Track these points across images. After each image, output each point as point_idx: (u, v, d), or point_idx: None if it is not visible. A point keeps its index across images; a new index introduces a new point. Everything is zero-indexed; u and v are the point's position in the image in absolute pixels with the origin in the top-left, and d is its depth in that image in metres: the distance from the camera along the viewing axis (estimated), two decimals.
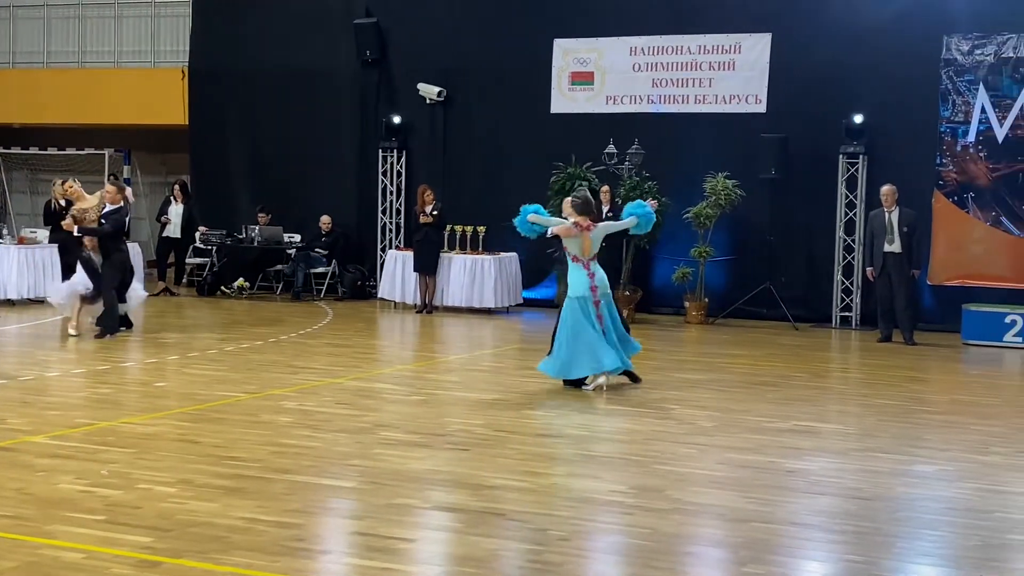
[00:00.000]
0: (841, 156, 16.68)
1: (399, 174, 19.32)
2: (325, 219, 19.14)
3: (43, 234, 17.63)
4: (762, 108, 17.25)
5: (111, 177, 21.33)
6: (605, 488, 7.07)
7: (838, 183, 16.75)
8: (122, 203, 13.73)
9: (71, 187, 14.68)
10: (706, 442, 8.54)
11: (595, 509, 6.66)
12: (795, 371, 12.54)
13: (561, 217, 11.45)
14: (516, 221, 11.36)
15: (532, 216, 11.20)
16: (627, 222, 11.33)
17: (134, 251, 16.19)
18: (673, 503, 6.75)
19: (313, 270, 19.10)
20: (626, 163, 17.04)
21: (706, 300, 16.97)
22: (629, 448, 8.31)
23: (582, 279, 10.88)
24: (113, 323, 13.40)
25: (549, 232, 11.19)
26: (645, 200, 12.07)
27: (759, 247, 17.08)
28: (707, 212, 16.66)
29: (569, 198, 11.42)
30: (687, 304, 17.01)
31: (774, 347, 14.59)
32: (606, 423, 9.17)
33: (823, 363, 14.00)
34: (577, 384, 10.65)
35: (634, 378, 11.10)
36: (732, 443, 8.52)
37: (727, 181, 16.60)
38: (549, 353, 10.97)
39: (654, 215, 11.55)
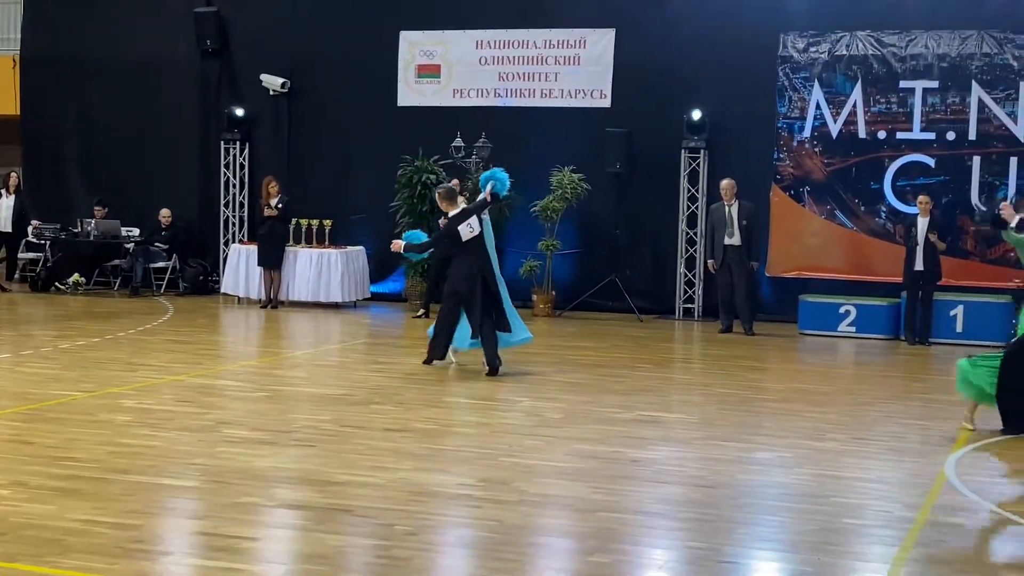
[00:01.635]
0: (683, 151, 17.00)
1: (242, 166, 18.97)
2: (165, 212, 18.68)
3: None
4: (607, 103, 17.46)
5: None
6: (453, 482, 7.07)
7: (680, 177, 17.06)
8: None
9: None
10: (553, 434, 8.61)
11: (443, 503, 6.65)
12: (640, 362, 12.73)
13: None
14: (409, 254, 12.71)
15: (407, 245, 12.05)
16: (485, 193, 11.84)
17: None
18: (520, 495, 6.78)
19: (153, 265, 18.62)
20: (473, 156, 17.06)
21: (553, 293, 17.12)
22: (477, 441, 8.32)
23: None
24: None
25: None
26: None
27: (605, 240, 17.29)
28: (554, 206, 16.79)
29: (438, 192, 12.25)
30: (535, 297, 17.12)
31: (620, 339, 14.80)
32: (454, 416, 9.17)
33: (667, 354, 14.26)
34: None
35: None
36: (579, 434, 8.60)
37: (573, 175, 16.77)
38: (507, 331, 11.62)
39: (506, 175, 12.05)
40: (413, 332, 15.07)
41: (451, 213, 11.66)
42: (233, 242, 18.51)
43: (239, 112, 18.78)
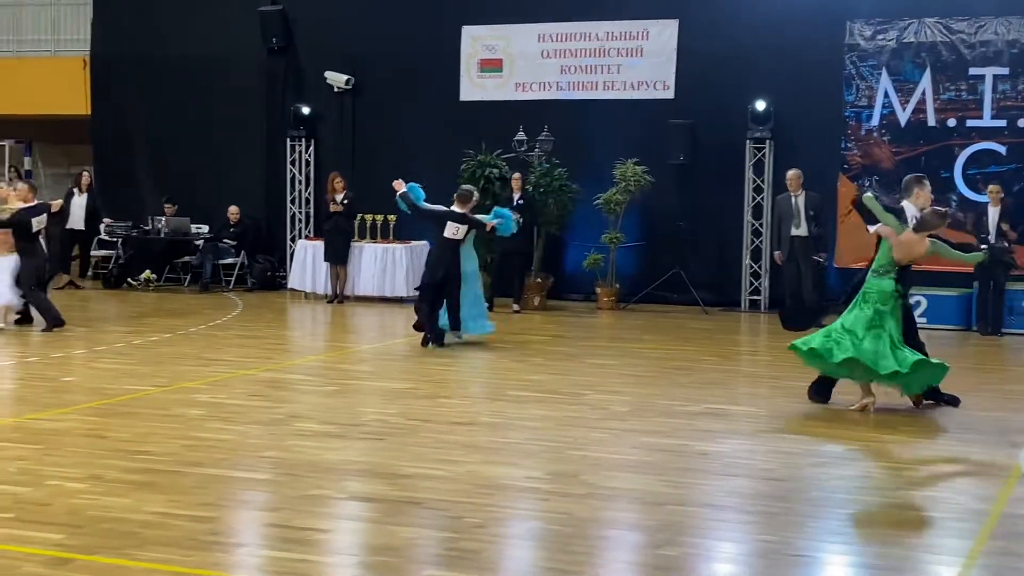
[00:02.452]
0: (748, 141, 16.89)
1: (308, 163, 19.15)
2: (233, 209, 18.90)
3: None
4: (670, 94, 17.39)
5: (12, 170, 20.87)
6: (520, 475, 7.10)
7: (745, 168, 16.95)
8: (36, 201, 13.72)
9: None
10: (619, 427, 8.61)
11: (511, 496, 6.68)
12: (706, 355, 12.69)
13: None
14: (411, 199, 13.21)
15: (403, 194, 13.21)
16: (490, 222, 13.10)
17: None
18: (588, 488, 6.80)
19: (222, 261, 18.86)
20: (536, 150, 17.07)
21: (617, 286, 17.09)
22: (543, 434, 8.34)
23: (476, 258, 13.23)
24: (55, 318, 13.33)
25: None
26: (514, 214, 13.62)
27: (669, 232, 17.22)
28: (617, 198, 16.76)
29: (460, 189, 13.40)
30: (598, 290, 17.11)
31: (685, 331, 14.75)
32: (520, 410, 9.20)
33: (733, 346, 14.19)
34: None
35: None
36: (645, 427, 8.60)
37: (636, 167, 16.72)
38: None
39: (512, 222, 13.28)
40: None
41: (456, 209, 12.87)
42: (300, 238, 18.69)
43: (304, 109, 18.95)
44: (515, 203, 16.33)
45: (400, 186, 13.21)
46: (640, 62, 17.52)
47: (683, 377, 11.09)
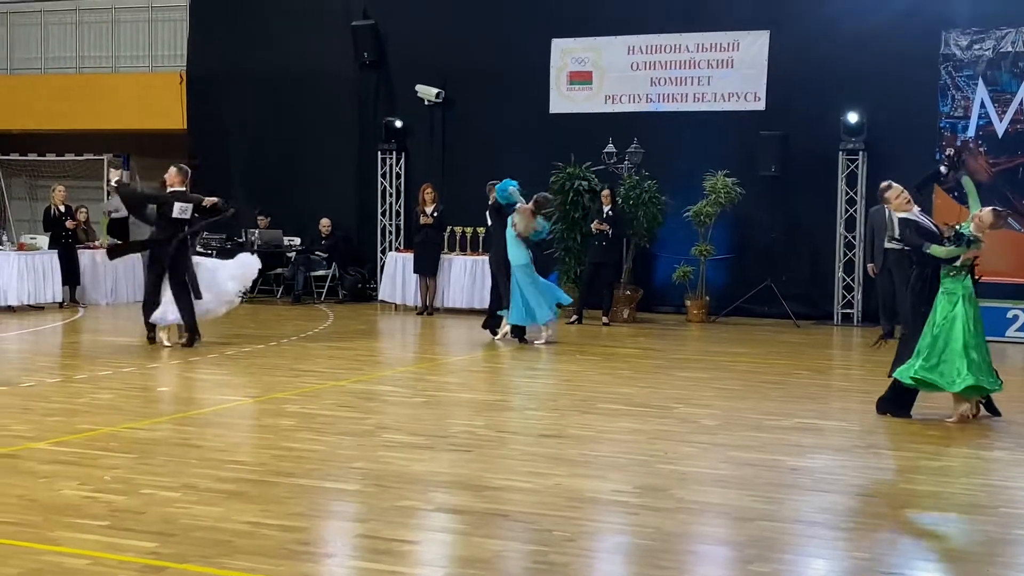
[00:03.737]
0: (841, 153, 16.68)
1: (398, 176, 19.31)
2: (325, 222, 19.13)
3: (43, 240, 17.61)
4: (761, 106, 17.25)
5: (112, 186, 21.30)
6: (609, 488, 7.05)
7: (838, 180, 16.74)
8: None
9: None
10: (709, 441, 8.53)
11: (599, 509, 6.64)
12: (797, 368, 12.52)
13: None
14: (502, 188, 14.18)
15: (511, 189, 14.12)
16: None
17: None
18: (677, 502, 6.74)
19: (313, 273, 19.09)
20: (625, 162, 17.03)
21: (707, 298, 16.96)
22: (632, 448, 8.29)
23: (525, 252, 13.95)
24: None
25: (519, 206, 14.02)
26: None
27: (760, 245, 17.08)
28: (707, 210, 16.64)
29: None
30: (688, 303, 17.00)
31: (776, 345, 14.58)
32: (609, 423, 9.15)
33: (825, 360, 13.99)
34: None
35: None
36: (735, 441, 8.50)
37: (727, 179, 16.59)
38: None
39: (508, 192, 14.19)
40: (566, 338, 15.11)
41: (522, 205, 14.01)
42: (390, 250, 18.85)
43: (396, 123, 19.11)
44: (605, 215, 16.30)
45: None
46: (731, 73, 17.40)
47: (774, 391, 10.96)
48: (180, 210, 12.73)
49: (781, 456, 8.04)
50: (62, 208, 17.92)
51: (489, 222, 14.67)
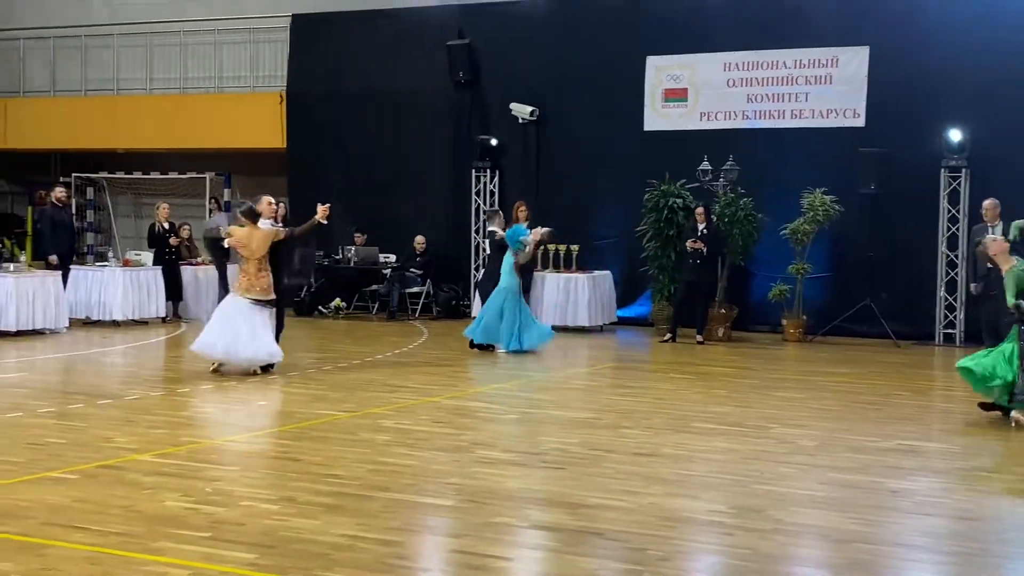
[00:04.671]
0: (943, 170, 16.38)
1: (492, 193, 19.41)
2: (420, 239, 19.30)
3: (147, 257, 18.01)
4: (860, 122, 17.02)
5: (212, 201, 21.70)
6: (704, 508, 7.01)
7: (940, 197, 16.45)
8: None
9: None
10: (807, 461, 8.42)
11: (694, 529, 6.60)
12: (897, 389, 12.31)
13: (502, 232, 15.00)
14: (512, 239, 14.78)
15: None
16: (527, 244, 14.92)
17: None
18: (774, 523, 6.66)
19: (408, 290, 19.26)
20: (721, 180, 16.91)
21: (804, 317, 16.75)
22: (728, 467, 8.22)
23: (518, 279, 14.82)
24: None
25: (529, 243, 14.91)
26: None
27: (859, 263, 16.83)
28: (804, 228, 16.45)
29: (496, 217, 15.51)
30: (785, 322, 16.80)
31: (875, 365, 14.35)
32: (704, 442, 9.09)
33: (926, 381, 13.73)
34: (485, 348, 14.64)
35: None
36: (834, 463, 8.39)
37: (825, 197, 16.40)
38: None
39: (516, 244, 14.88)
40: (660, 356, 15.06)
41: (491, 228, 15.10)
42: (484, 267, 18.93)
43: (491, 141, 19.23)
44: (699, 233, 16.21)
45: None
46: (829, 90, 17.22)
47: (873, 412, 10.78)
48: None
49: (881, 478, 7.91)
50: (166, 225, 18.33)
51: (488, 251, 15.25)
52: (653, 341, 16.55)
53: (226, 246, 12.36)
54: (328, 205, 12.80)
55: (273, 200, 13.04)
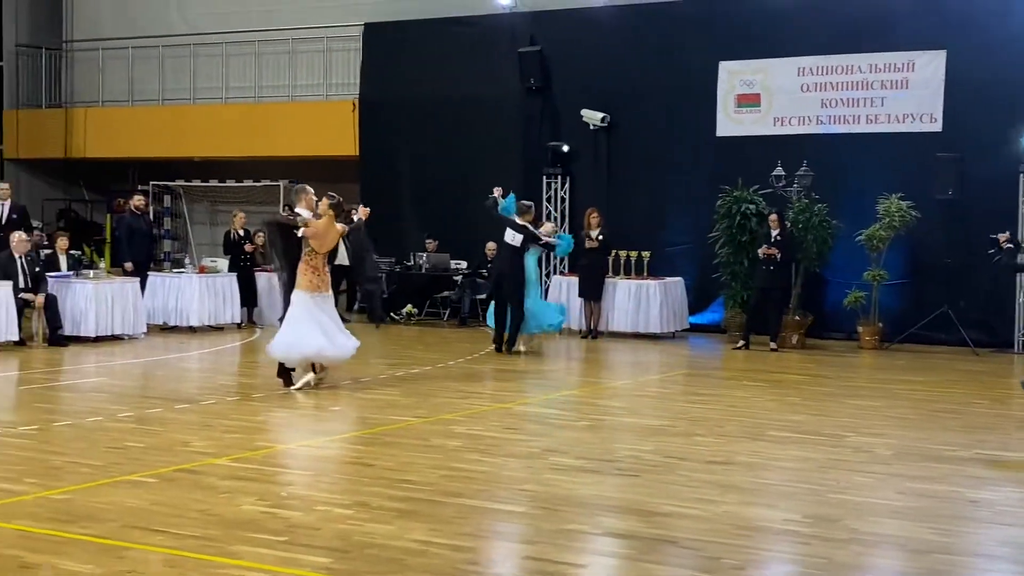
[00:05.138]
0: (1021, 175, 16.09)
1: (563, 200, 19.41)
2: (491, 245, 19.28)
3: (222, 263, 18.25)
4: (937, 127, 16.79)
5: (286, 209, 21.91)
6: (779, 517, 6.94)
7: (1018, 203, 16.16)
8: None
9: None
10: (883, 471, 8.31)
11: (769, 538, 6.54)
12: (976, 398, 12.11)
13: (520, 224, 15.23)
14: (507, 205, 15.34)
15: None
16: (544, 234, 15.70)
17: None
18: (851, 533, 6.58)
19: (479, 296, 19.30)
20: (795, 185, 16.76)
21: (880, 325, 16.54)
22: (803, 476, 8.13)
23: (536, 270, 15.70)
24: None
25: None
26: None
27: (936, 270, 16.59)
28: (880, 234, 16.25)
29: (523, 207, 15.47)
30: (860, 329, 16.61)
31: (953, 373, 14.13)
32: (779, 450, 9.00)
33: (1006, 389, 13.47)
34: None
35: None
36: (911, 472, 8.27)
37: (901, 202, 16.18)
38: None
39: (567, 247, 16.43)
40: (733, 364, 14.95)
41: (517, 220, 15.10)
42: (554, 274, 18.93)
43: (562, 147, 19.22)
44: (772, 240, 16.07)
45: (498, 192, 15.40)
46: (905, 94, 17.00)
47: (951, 420, 10.61)
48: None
49: (960, 488, 7.78)
50: (241, 232, 18.56)
51: (517, 243, 15.08)
52: (726, 348, 16.43)
53: (300, 235, 11.52)
54: (369, 209, 12.62)
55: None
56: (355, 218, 12.47)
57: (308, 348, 11.40)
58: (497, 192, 15.44)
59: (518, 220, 15.16)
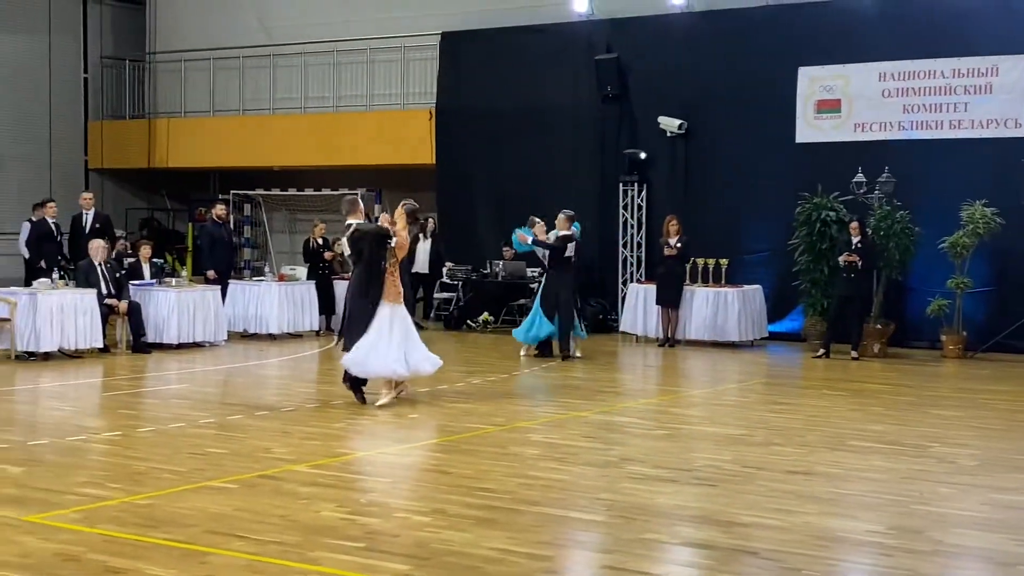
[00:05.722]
0: None
1: (639, 207, 19.34)
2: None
3: (301, 271, 18.44)
4: (1022, 132, 16.46)
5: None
6: (861, 528, 6.84)
7: None
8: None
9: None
10: (968, 482, 8.16)
11: (851, 549, 6.45)
12: None
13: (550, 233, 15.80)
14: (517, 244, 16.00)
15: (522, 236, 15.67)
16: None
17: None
18: (934, 545, 6.47)
19: None
20: (876, 192, 16.53)
21: (964, 333, 16.25)
22: (885, 487, 8.01)
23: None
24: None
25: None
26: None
27: (1021, 277, 16.27)
28: (964, 241, 15.97)
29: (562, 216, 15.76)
30: (943, 337, 16.32)
31: None
32: (860, 461, 8.88)
33: None
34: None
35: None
36: (997, 483, 8.11)
37: (985, 209, 15.89)
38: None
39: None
40: (813, 373, 14.78)
41: (562, 233, 15.39)
42: (631, 281, 18.87)
43: (640, 155, 19.16)
44: (854, 247, 15.87)
45: (524, 239, 15.75)
46: (989, 99, 16.70)
47: None
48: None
49: None
50: (320, 241, 18.74)
51: (570, 253, 15.57)
52: (806, 357, 16.25)
53: (392, 244, 11.27)
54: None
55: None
56: (430, 226, 12.47)
57: (383, 366, 11.09)
58: (538, 226, 15.98)
59: (531, 238, 15.71)
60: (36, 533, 6.44)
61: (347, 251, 11.52)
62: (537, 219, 16.24)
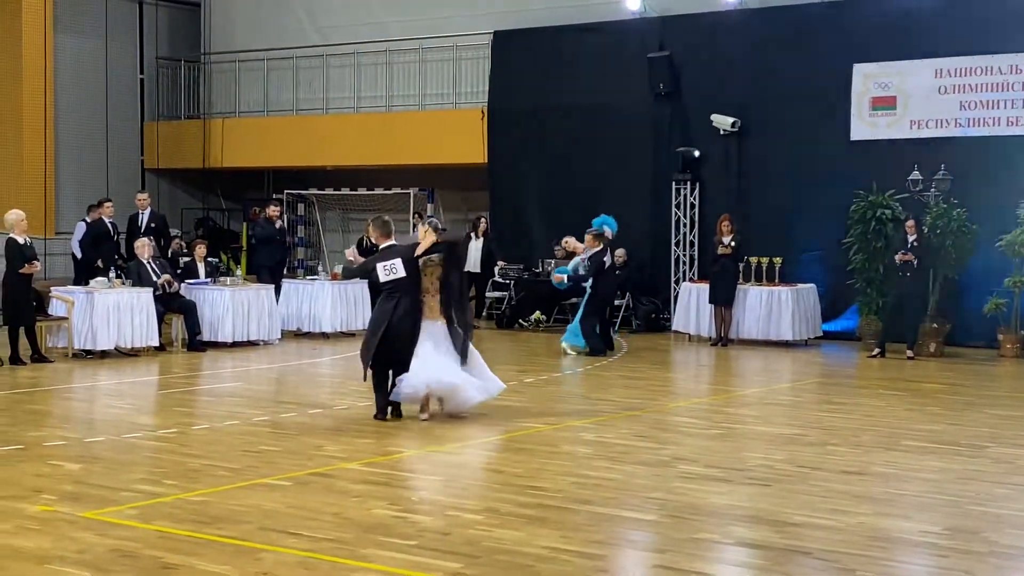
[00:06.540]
0: None
1: (692, 206, 19.25)
2: (620, 252, 19.23)
3: None
4: None
5: (416, 216, 22.17)
6: (916, 528, 6.78)
7: None
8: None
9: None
10: None
11: (906, 550, 6.39)
12: None
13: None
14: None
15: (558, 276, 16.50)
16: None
17: None
18: (991, 546, 6.39)
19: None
20: (932, 190, 16.35)
21: (1022, 333, 16.02)
22: (941, 487, 7.93)
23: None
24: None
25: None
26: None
27: None
28: (1021, 239, 15.74)
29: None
30: (1001, 337, 16.10)
31: None
32: (915, 461, 8.79)
33: None
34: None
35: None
36: None
37: None
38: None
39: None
40: (868, 372, 14.64)
41: (594, 251, 15.93)
42: (684, 280, 18.78)
43: (693, 152, 19.06)
44: (909, 245, 15.70)
45: (559, 279, 16.62)
46: None
47: None
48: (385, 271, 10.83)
49: None
50: (373, 240, 18.79)
51: (606, 259, 16.23)
52: (860, 356, 16.09)
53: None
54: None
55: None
56: (482, 225, 12.34)
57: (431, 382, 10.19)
58: (568, 241, 16.78)
59: (566, 275, 16.44)
60: (93, 529, 6.53)
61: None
62: (563, 241, 16.95)
